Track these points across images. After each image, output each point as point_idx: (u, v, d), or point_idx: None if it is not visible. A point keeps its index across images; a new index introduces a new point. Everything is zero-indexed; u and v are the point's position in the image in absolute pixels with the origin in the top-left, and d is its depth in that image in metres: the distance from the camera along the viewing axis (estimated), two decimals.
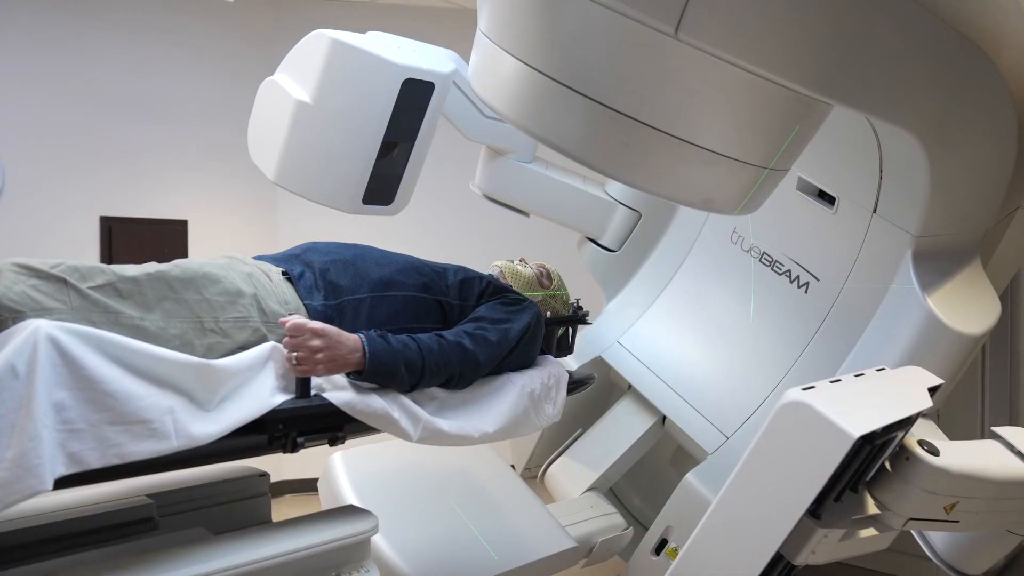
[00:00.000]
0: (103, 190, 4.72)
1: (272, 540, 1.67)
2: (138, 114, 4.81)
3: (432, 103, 2.87)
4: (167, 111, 4.90)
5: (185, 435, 1.50)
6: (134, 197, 4.79)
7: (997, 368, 3.54)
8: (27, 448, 1.30)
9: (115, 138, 4.74)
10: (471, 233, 5.24)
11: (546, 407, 2.19)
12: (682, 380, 3.21)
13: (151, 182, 4.85)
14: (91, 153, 4.68)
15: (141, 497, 1.87)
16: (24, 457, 1.29)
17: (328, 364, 1.74)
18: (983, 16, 2.02)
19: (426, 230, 5.09)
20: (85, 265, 1.61)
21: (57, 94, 4.55)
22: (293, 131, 2.74)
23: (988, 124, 2.32)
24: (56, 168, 4.56)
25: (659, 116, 1.78)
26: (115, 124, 4.74)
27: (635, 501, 3.57)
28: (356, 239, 2.28)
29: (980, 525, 2.21)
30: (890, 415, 1.73)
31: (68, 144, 4.61)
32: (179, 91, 4.95)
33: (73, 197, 4.62)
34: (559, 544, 2.68)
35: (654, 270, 3.44)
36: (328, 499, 2.55)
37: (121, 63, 4.76)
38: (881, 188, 2.62)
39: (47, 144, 4.53)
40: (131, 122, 4.79)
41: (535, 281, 2.42)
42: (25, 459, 1.29)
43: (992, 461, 2.11)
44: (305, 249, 2.10)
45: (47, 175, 4.52)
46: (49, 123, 4.54)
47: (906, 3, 1.77)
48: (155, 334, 1.61)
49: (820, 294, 2.93)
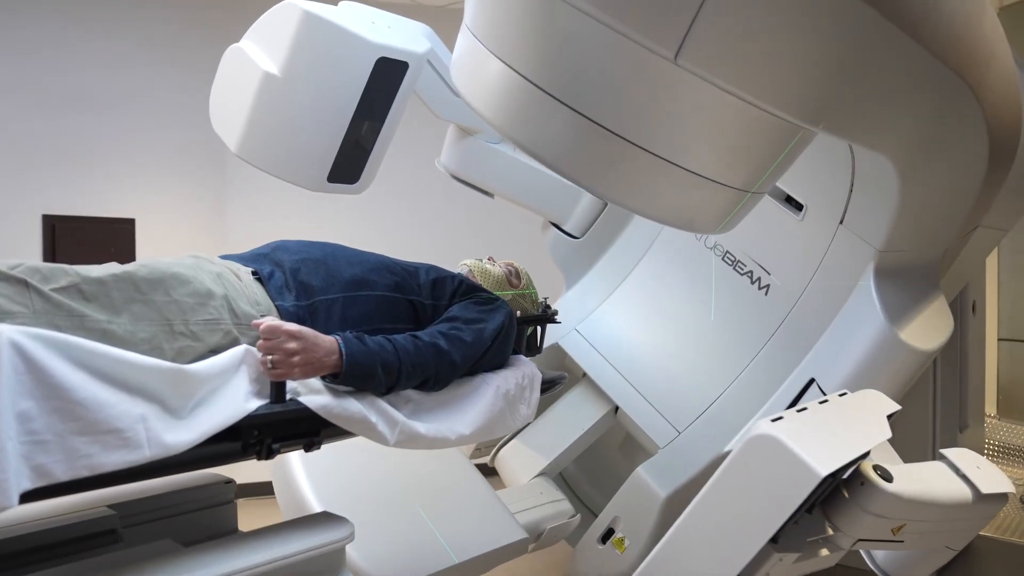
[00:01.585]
0: (45, 187, 4.54)
1: (246, 551, 1.61)
2: (82, 108, 4.62)
3: (404, 83, 2.79)
4: (114, 105, 4.72)
5: (158, 444, 1.43)
6: (79, 194, 4.62)
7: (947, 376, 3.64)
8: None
9: (57, 133, 4.55)
10: (421, 227, 5.26)
11: (520, 407, 2.17)
12: (637, 372, 3.23)
13: (97, 179, 4.69)
14: (31, 149, 4.49)
15: (102, 508, 1.79)
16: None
17: (304, 367, 1.68)
18: (973, 52, 2.03)
19: (376, 223, 5.07)
20: (47, 266, 1.53)
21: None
22: (259, 103, 2.64)
23: (962, 153, 2.35)
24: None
25: (649, 137, 1.76)
26: (57, 118, 4.55)
27: (583, 486, 3.61)
28: (308, 236, 2.22)
29: (922, 544, 2.29)
30: (854, 449, 1.77)
31: (5, 139, 4.41)
32: (126, 85, 4.76)
33: (13, 194, 4.44)
34: (511, 535, 2.70)
35: (616, 260, 3.44)
36: (287, 499, 2.49)
37: (62, 55, 4.55)
38: (850, 201, 2.65)
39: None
40: (75, 116, 4.61)
41: (504, 280, 2.38)
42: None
43: (939, 485, 2.17)
44: (274, 248, 2.03)
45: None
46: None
47: (903, 38, 1.76)
48: (123, 338, 1.54)
49: (780, 297, 2.97)
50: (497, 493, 2.94)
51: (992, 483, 2.26)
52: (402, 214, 5.27)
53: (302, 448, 1.81)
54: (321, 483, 2.41)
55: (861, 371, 2.62)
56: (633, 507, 3.01)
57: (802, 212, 2.84)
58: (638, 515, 3.00)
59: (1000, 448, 5.39)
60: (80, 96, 4.61)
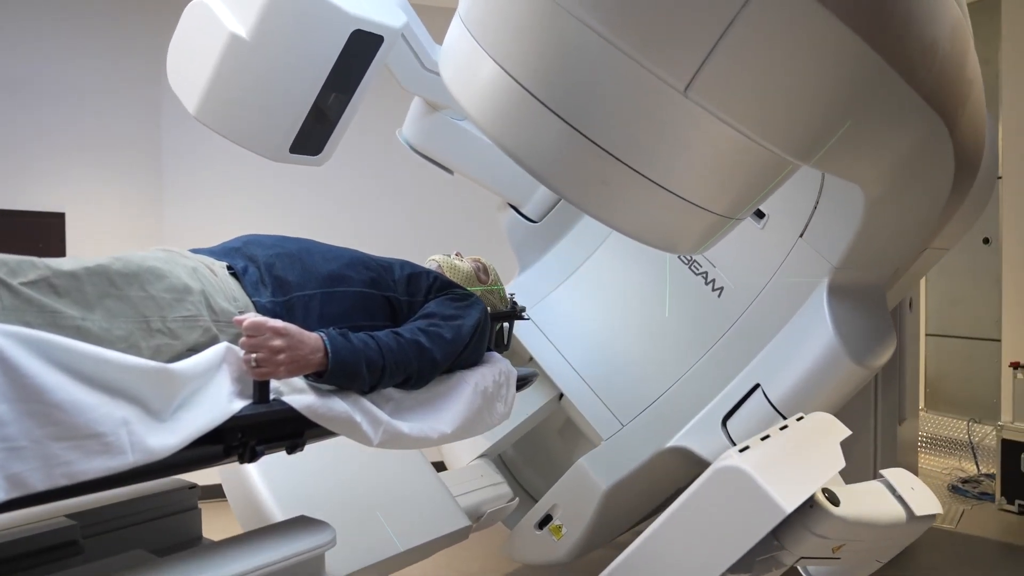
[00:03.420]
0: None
1: (226, 560, 1.55)
2: (6, 97, 4.34)
3: (377, 56, 2.69)
4: (41, 95, 4.44)
5: (142, 449, 1.34)
6: (4, 188, 4.35)
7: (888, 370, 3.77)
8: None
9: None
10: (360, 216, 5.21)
11: (497, 405, 2.14)
12: (585, 361, 3.26)
13: (24, 171, 4.42)
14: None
15: (60, 518, 1.67)
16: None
17: (290, 366, 1.59)
18: (956, 93, 2.07)
19: (317, 220, 5.00)
20: (12, 257, 1.42)
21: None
22: (223, 66, 2.52)
23: (929, 185, 2.41)
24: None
25: (643, 160, 1.74)
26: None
27: (521, 468, 3.64)
28: (248, 229, 2.14)
29: (857, 560, 2.39)
30: (814, 483, 1.83)
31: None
32: (56, 73, 4.49)
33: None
34: (455, 523, 2.72)
35: (572, 247, 3.44)
36: (239, 499, 2.41)
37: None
38: (813, 216, 2.70)
39: None
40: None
41: (473, 276, 2.35)
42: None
43: (879, 507, 2.27)
44: (245, 242, 1.94)
45: None
46: None
47: (899, 82, 1.78)
48: (98, 336, 1.45)
49: (732, 301, 3.02)
50: (441, 476, 2.94)
51: (924, 505, 2.38)
52: (342, 205, 5.25)
53: (285, 450, 1.74)
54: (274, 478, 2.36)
55: (806, 382, 2.69)
56: (573, 497, 3.06)
57: (764, 221, 2.88)
58: (577, 505, 3.05)
59: (928, 440, 5.67)
60: (4, 84, 4.35)
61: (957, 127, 2.19)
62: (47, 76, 4.47)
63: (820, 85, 1.66)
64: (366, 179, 5.25)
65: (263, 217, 4.81)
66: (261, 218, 4.61)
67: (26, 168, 4.44)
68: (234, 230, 2.19)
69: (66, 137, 4.55)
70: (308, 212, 5.07)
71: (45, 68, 4.46)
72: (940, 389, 5.86)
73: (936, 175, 2.35)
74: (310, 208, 5.09)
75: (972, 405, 5.57)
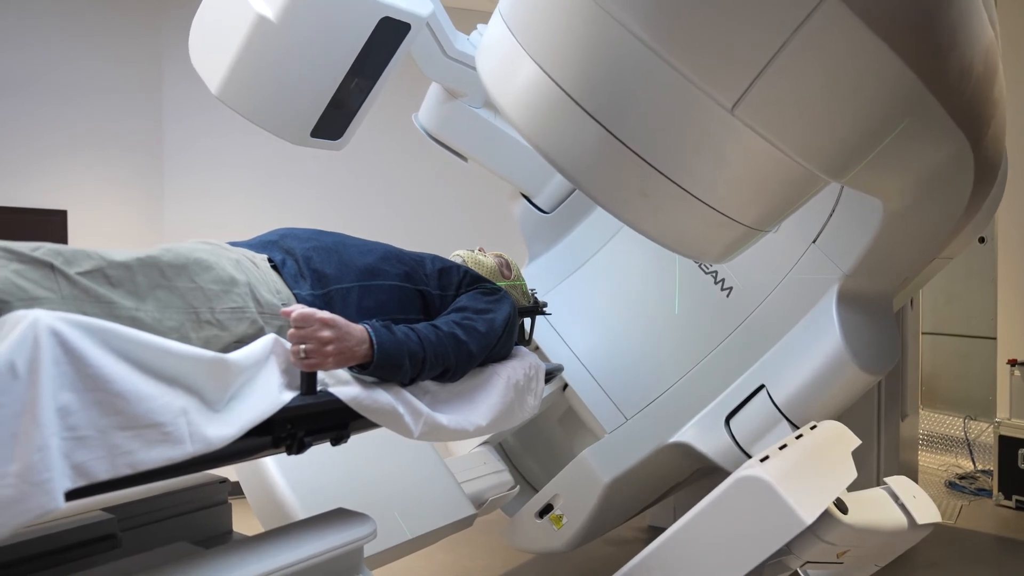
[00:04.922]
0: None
1: (267, 553, 1.56)
2: (8, 95, 4.30)
3: (403, 43, 2.69)
4: (45, 93, 4.41)
5: (200, 439, 1.35)
6: (7, 185, 4.32)
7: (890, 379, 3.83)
8: (34, 460, 1.13)
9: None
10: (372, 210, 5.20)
11: (528, 398, 2.17)
12: (591, 354, 3.29)
13: (26, 169, 4.39)
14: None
15: (98, 512, 1.67)
16: (31, 471, 1.12)
17: (337, 357, 1.62)
18: (983, 115, 2.10)
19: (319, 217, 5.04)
20: (67, 248, 1.42)
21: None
22: (248, 47, 2.51)
23: (947, 201, 2.44)
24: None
25: (681, 171, 1.76)
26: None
27: (521, 456, 3.68)
28: (249, 227, 2.14)
29: (858, 565, 2.46)
30: (830, 493, 1.87)
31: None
32: (59, 70, 4.46)
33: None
34: (461, 511, 2.76)
35: (582, 239, 3.45)
36: (258, 491, 2.41)
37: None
38: (828, 223, 2.73)
39: None
40: (1, 104, 4.28)
41: (497, 271, 2.37)
42: (33, 473, 1.12)
43: (883, 515, 2.33)
44: (282, 235, 1.95)
45: None
46: None
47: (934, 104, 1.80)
48: (151, 326, 1.45)
49: (740, 301, 3.05)
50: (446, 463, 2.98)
51: (925, 513, 2.44)
52: (342, 204, 5.23)
53: (329, 441, 1.76)
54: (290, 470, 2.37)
55: (812, 386, 2.73)
56: (575, 488, 3.11)
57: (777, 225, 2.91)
58: (579, 496, 3.09)
59: (925, 437, 5.76)
60: (7, 82, 4.31)
61: (980, 146, 2.22)
62: (50, 74, 4.45)
63: (861, 107, 1.69)
64: (366, 179, 5.25)
65: (264, 215, 4.79)
66: (261, 216, 4.59)
67: (28, 166, 4.43)
68: (235, 228, 2.20)
69: (68, 135, 4.54)
70: (308, 212, 5.06)
71: (48, 66, 4.44)
72: (936, 387, 5.95)
73: (956, 191, 2.38)
74: (310, 208, 5.09)
75: (967, 402, 5.66)
